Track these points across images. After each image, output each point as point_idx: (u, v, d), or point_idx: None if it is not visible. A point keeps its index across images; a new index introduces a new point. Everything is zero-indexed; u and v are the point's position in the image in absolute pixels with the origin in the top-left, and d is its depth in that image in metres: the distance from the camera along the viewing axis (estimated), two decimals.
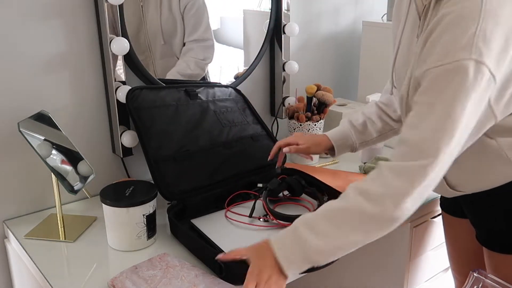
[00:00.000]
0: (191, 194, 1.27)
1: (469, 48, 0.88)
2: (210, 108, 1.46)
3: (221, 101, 1.52)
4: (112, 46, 1.29)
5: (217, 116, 1.46)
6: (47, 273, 1.08)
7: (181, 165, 1.30)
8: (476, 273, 1.02)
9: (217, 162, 1.36)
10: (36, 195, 1.35)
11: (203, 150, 1.36)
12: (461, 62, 0.88)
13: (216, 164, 1.35)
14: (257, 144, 1.48)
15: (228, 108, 1.51)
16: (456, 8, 0.92)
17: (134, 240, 1.15)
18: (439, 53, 0.92)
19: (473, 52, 0.88)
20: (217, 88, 1.55)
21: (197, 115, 1.42)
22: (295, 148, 1.32)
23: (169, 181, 1.26)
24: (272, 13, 1.69)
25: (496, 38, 0.89)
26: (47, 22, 1.26)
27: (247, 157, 1.42)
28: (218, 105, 1.50)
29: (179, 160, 1.30)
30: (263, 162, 1.43)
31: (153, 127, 1.33)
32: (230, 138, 1.43)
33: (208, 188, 1.30)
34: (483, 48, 0.88)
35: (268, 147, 1.46)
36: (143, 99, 1.35)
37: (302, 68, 1.82)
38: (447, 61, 0.90)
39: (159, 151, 1.29)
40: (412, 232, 1.42)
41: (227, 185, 1.34)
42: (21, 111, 1.25)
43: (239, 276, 1.03)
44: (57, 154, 1.22)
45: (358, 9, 2.03)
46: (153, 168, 1.26)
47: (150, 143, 1.30)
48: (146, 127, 1.32)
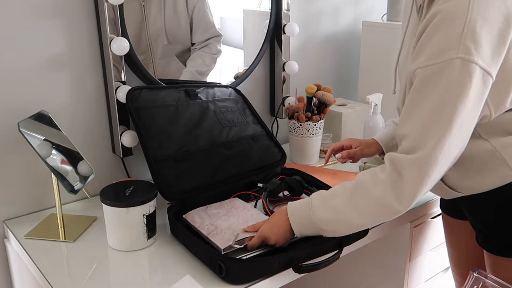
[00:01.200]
0: (191, 194, 1.27)
1: (457, 47, 0.89)
2: (210, 108, 1.46)
3: (221, 101, 1.52)
4: (112, 46, 1.29)
5: (217, 116, 1.46)
6: (47, 273, 1.08)
7: (181, 165, 1.30)
8: (476, 273, 1.02)
9: (217, 162, 1.36)
10: (36, 195, 1.35)
11: (203, 150, 1.36)
12: (448, 61, 0.90)
13: (216, 164, 1.35)
14: (257, 144, 1.48)
15: (228, 108, 1.51)
16: (445, 6, 0.93)
17: (134, 240, 1.15)
18: (428, 53, 0.94)
19: (460, 50, 0.89)
20: (217, 88, 1.55)
21: (197, 115, 1.42)
22: (347, 152, 1.32)
23: (169, 181, 1.26)
24: (272, 13, 1.69)
25: (486, 35, 0.90)
26: (47, 22, 1.26)
27: (247, 157, 1.42)
28: (218, 105, 1.49)
29: (179, 160, 1.30)
30: (263, 162, 1.43)
31: (153, 127, 1.32)
32: (230, 138, 1.43)
33: (208, 188, 1.31)
34: (471, 46, 0.89)
35: (268, 147, 1.47)
36: (143, 99, 1.35)
37: (302, 68, 1.82)
38: (435, 61, 0.92)
39: (159, 151, 1.29)
40: (412, 232, 1.42)
41: (227, 185, 1.34)
42: (21, 111, 1.25)
43: (239, 276, 1.03)
44: (57, 154, 1.22)
45: (358, 9, 2.03)
46: (153, 168, 1.26)
47: (150, 143, 1.30)
48: (146, 127, 1.31)
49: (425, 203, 1.41)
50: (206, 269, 1.07)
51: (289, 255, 1.07)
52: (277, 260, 1.05)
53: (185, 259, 1.12)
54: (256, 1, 1.72)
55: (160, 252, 1.16)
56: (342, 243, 1.15)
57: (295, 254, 1.08)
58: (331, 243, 1.13)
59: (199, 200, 1.27)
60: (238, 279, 1.03)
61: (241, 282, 1.03)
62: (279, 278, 1.08)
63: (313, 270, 1.09)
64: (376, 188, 1.00)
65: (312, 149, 1.66)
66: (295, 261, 1.07)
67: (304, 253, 1.09)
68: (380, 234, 1.31)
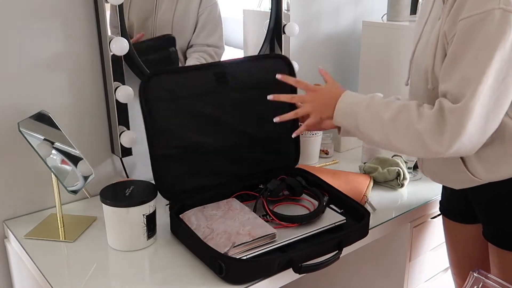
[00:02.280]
0: (191, 194, 1.27)
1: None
2: (237, 98, 1.32)
3: (257, 86, 1.34)
4: (111, 46, 1.29)
5: (244, 109, 1.33)
6: (47, 273, 1.08)
7: (184, 164, 1.28)
8: (476, 273, 1.02)
9: (221, 163, 1.33)
10: (36, 195, 1.35)
11: (209, 149, 1.31)
12: (489, 11, 0.93)
13: (220, 165, 1.33)
14: (272, 145, 1.41)
15: (261, 96, 1.26)
16: None
17: (134, 240, 1.15)
18: (471, 3, 0.96)
19: (501, 1, 0.92)
20: (258, 62, 1.39)
21: (216, 108, 1.30)
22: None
23: (170, 180, 1.25)
24: (272, 13, 1.68)
25: None
26: (47, 22, 1.26)
27: (254, 160, 1.38)
28: (250, 93, 1.34)
29: (181, 158, 1.28)
30: (269, 166, 1.40)
31: (161, 121, 1.24)
32: (245, 140, 1.35)
33: (208, 188, 1.30)
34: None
35: (286, 148, 1.44)
36: (159, 87, 1.23)
37: (302, 68, 1.82)
38: (478, 11, 0.94)
39: (162, 148, 1.25)
40: (412, 232, 1.42)
41: (228, 186, 1.33)
42: (21, 111, 1.25)
43: (239, 276, 1.03)
44: (57, 154, 1.22)
45: (358, 9, 2.03)
46: (154, 166, 1.24)
47: (155, 139, 1.24)
48: (154, 120, 1.23)
49: (425, 203, 1.41)
50: (206, 269, 1.07)
51: (289, 255, 1.07)
52: (277, 260, 1.05)
53: (185, 259, 1.12)
54: (256, 1, 1.72)
55: (160, 252, 1.16)
56: (342, 243, 1.15)
57: (295, 254, 1.08)
58: (331, 243, 1.14)
59: (198, 200, 1.26)
60: (238, 279, 1.03)
61: (241, 282, 1.03)
62: (279, 278, 1.08)
63: (313, 271, 1.09)
64: (419, 122, 1.02)
65: (312, 149, 1.66)
66: (295, 261, 1.07)
67: (304, 253, 1.09)
68: (380, 234, 1.31)
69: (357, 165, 1.62)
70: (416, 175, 1.57)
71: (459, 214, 1.28)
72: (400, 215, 1.34)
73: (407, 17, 1.87)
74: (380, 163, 1.53)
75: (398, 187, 1.48)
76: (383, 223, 1.29)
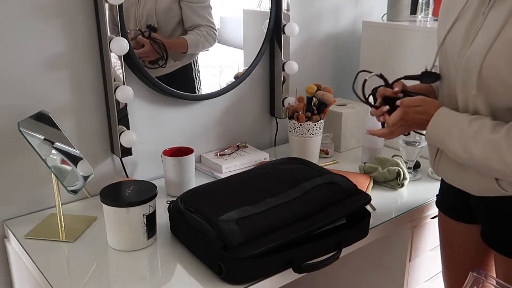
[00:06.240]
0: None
1: None
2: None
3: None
4: (111, 46, 1.29)
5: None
6: (47, 273, 1.08)
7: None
8: (475, 273, 1.02)
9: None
10: (36, 195, 1.35)
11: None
12: None
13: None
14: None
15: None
16: None
17: (134, 240, 1.15)
18: None
19: None
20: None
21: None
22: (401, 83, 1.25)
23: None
24: (272, 13, 1.69)
25: None
26: (47, 22, 1.26)
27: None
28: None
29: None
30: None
31: None
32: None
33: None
34: None
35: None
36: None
37: (302, 68, 1.82)
38: None
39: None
40: (412, 232, 1.42)
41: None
42: (21, 111, 1.25)
43: (239, 276, 1.03)
44: (57, 154, 1.22)
45: (358, 9, 2.03)
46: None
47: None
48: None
49: (425, 203, 1.41)
50: (206, 269, 1.07)
51: (289, 255, 1.07)
52: (277, 260, 1.06)
53: (185, 259, 1.12)
54: (256, 1, 1.72)
55: (160, 252, 1.16)
56: (342, 243, 1.15)
57: (295, 254, 1.08)
58: (331, 243, 1.14)
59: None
60: (238, 279, 1.04)
61: (241, 282, 1.04)
62: (279, 278, 1.08)
63: (312, 270, 1.09)
64: (509, 154, 0.97)
65: (312, 149, 1.67)
66: (295, 261, 1.07)
67: (304, 253, 1.09)
68: (380, 234, 1.31)
69: (357, 165, 1.62)
70: (416, 175, 1.57)
71: (455, 211, 1.26)
72: (400, 215, 1.34)
73: (407, 17, 1.87)
74: (380, 163, 1.53)
75: (398, 187, 1.48)
76: (383, 223, 1.30)
